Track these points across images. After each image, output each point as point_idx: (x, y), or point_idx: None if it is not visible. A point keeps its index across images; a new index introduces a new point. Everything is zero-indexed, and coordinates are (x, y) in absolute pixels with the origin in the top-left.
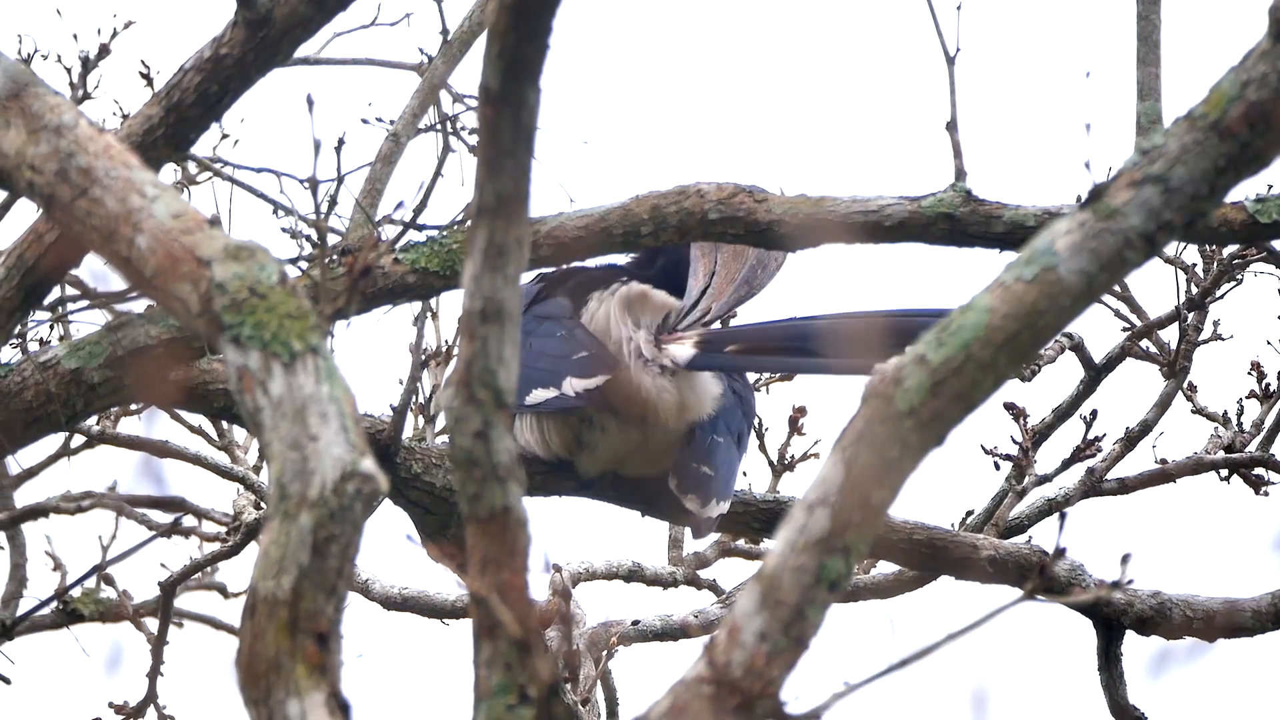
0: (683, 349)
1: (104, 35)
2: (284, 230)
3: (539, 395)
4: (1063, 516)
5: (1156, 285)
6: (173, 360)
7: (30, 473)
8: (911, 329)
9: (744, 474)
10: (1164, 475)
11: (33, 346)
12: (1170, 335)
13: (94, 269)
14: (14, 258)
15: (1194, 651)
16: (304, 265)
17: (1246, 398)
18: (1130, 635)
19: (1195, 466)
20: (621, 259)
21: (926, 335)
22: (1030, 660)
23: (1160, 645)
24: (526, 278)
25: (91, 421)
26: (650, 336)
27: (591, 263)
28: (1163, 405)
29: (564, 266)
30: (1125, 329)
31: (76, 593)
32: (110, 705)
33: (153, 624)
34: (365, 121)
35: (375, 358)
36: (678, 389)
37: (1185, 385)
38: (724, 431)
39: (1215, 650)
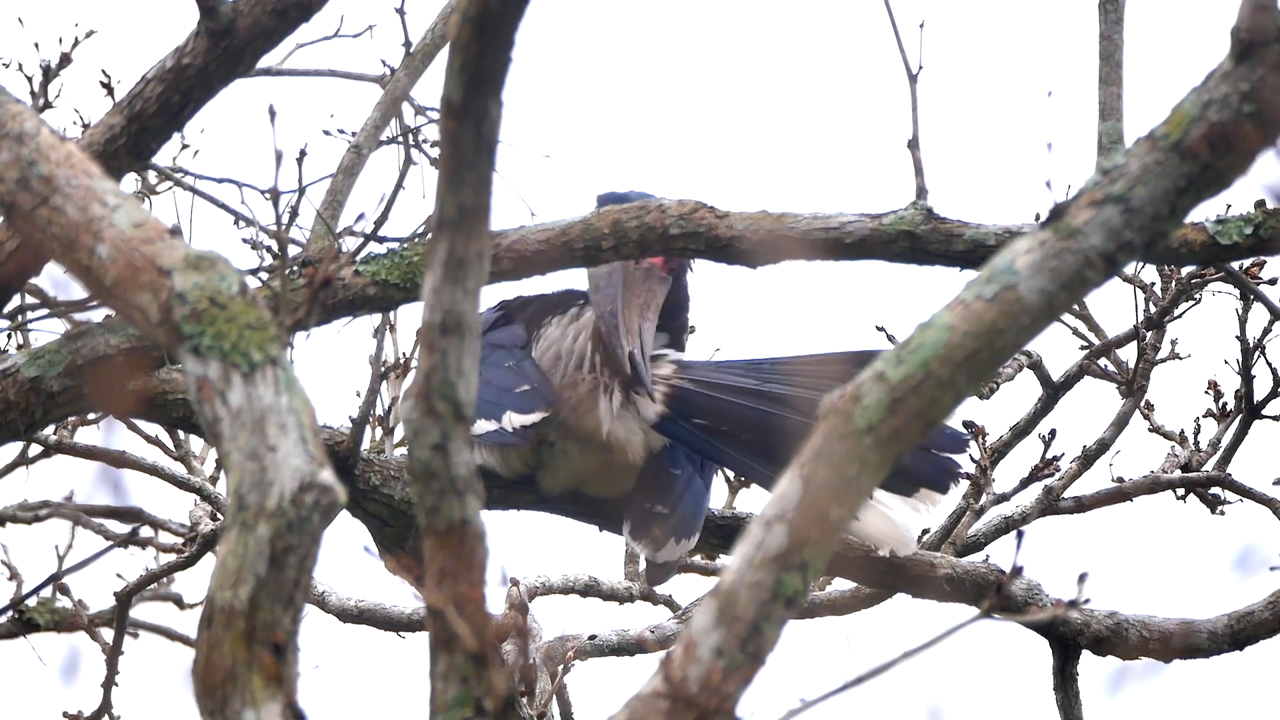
0: (651, 406)
1: (65, 44)
2: (245, 241)
3: (481, 426)
4: (1020, 535)
5: (1115, 304)
6: (132, 370)
7: None
8: None
9: None
10: (1121, 494)
11: None
12: (1128, 354)
13: (54, 277)
14: None
15: (1149, 671)
16: (264, 276)
17: (1204, 416)
18: (1086, 655)
19: (1152, 485)
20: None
21: (886, 353)
22: (986, 679)
23: (1116, 665)
24: (489, 303)
25: (49, 430)
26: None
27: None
28: (1120, 424)
29: (523, 296)
30: (1083, 347)
31: (32, 602)
32: (65, 715)
33: (108, 634)
34: (327, 133)
35: (334, 369)
36: (644, 433)
37: (1143, 404)
38: (682, 462)
39: (1171, 671)
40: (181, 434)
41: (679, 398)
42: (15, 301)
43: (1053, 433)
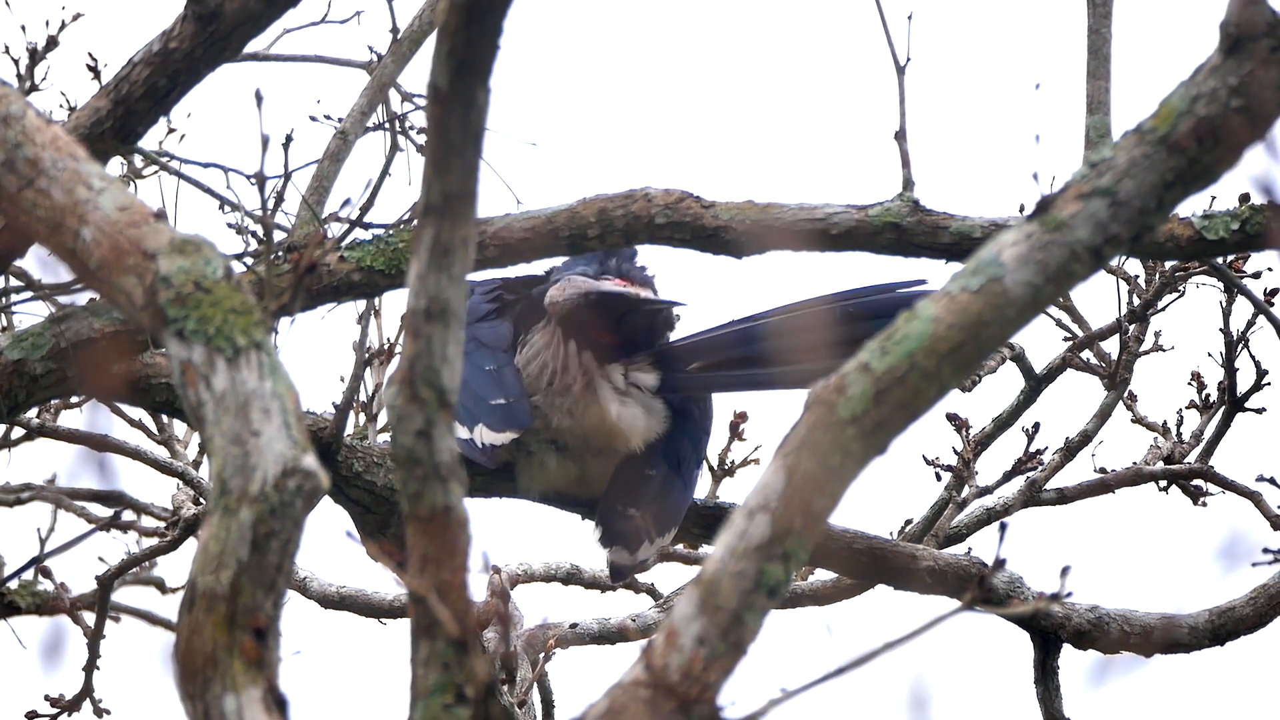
0: (646, 375)
1: (52, 27)
2: (230, 226)
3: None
4: (1003, 528)
5: (1098, 295)
6: (116, 353)
7: None
8: (861, 314)
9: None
10: (1103, 486)
11: None
12: (1111, 346)
13: (39, 259)
14: None
15: (1131, 665)
16: (249, 261)
17: (1186, 408)
18: (1067, 649)
19: (1134, 477)
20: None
21: (871, 343)
22: (967, 671)
23: (1098, 658)
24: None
25: (31, 414)
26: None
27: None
28: (1103, 416)
29: (514, 281)
30: (1066, 339)
31: (13, 585)
32: (46, 698)
33: (90, 618)
34: (313, 119)
35: (318, 355)
36: (645, 413)
37: (1125, 395)
38: (658, 462)
39: (1153, 665)
40: (165, 418)
41: (666, 355)
42: None
43: (1036, 425)
